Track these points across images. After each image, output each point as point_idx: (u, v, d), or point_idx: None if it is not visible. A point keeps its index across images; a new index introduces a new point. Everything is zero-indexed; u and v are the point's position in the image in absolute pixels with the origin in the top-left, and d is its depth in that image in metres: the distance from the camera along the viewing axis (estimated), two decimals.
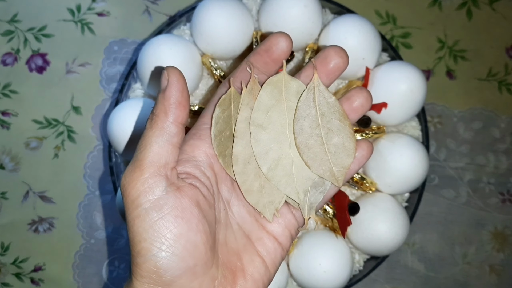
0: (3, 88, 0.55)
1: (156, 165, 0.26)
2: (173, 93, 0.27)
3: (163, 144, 0.27)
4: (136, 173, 0.26)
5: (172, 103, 0.27)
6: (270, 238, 0.30)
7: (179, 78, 0.28)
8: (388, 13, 0.56)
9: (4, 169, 0.55)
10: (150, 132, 0.27)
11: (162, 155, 0.27)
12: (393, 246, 0.45)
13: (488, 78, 0.56)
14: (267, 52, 0.30)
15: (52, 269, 0.54)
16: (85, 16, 0.56)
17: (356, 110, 0.31)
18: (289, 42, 0.29)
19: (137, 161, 0.27)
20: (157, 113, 0.27)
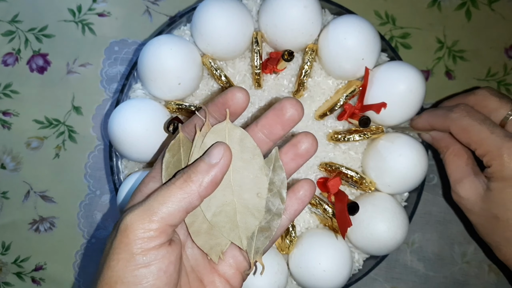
0: (4, 88, 0.55)
1: (166, 223, 0.27)
2: (217, 174, 0.28)
3: (182, 209, 0.28)
4: (145, 220, 0.27)
5: (211, 182, 0.28)
6: (221, 281, 0.31)
7: (229, 162, 0.29)
8: (388, 13, 0.56)
9: (5, 169, 0.55)
10: (177, 192, 0.28)
11: (176, 218, 0.28)
12: (392, 246, 0.45)
13: (487, 78, 0.56)
14: (224, 106, 0.30)
15: (53, 268, 0.54)
16: (85, 16, 0.56)
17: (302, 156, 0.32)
18: (245, 97, 0.30)
19: (151, 210, 0.27)
20: (194, 179, 0.28)
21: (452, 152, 0.44)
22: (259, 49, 0.46)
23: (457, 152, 0.44)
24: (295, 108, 0.31)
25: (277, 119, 0.31)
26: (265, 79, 0.49)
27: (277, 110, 0.31)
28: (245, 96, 0.30)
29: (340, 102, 0.46)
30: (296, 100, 0.31)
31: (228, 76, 0.47)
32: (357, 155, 0.49)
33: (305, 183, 0.33)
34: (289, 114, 0.31)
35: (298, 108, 0.31)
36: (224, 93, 0.30)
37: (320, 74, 0.49)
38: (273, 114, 0.31)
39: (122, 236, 0.27)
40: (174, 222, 0.28)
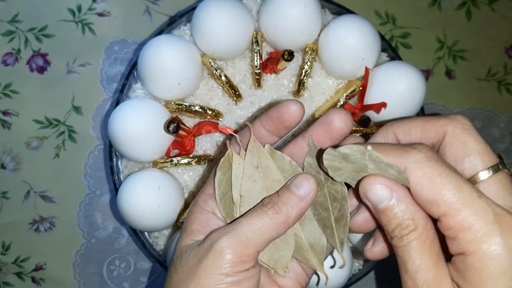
0: (4, 88, 0.55)
1: (257, 251, 0.29)
2: (306, 207, 0.29)
3: (272, 238, 0.29)
4: (240, 246, 0.28)
5: (300, 214, 0.29)
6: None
7: (316, 194, 0.29)
8: (388, 13, 0.56)
9: (5, 169, 0.55)
10: (268, 222, 0.28)
11: (265, 246, 0.29)
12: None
13: (487, 78, 0.56)
14: (279, 119, 0.30)
15: (53, 268, 0.54)
16: (85, 16, 0.56)
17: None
18: (301, 111, 0.30)
19: (245, 237, 0.28)
20: (284, 211, 0.29)
21: (421, 236, 0.25)
22: (259, 49, 0.46)
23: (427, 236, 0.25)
24: (344, 121, 0.29)
25: (326, 134, 0.30)
26: (265, 79, 0.49)
27: (325, 124, 0.30)
28: (300, 109, 0.30)
29: (340, 102, 0.46)
30: (344, 111, 0.29)
31: (228, 76, 0.47)
32: None
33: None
34: (338, 127, 0.29)
35: (346, 120, 0.29)
36: (279, 106, 0.30)
37: (320, 74, 0.49)
38: (322, 129, 0.30)
39: (215, 257, 0.28)
40: (263, 249, 0.29)
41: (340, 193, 0.30)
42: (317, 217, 0.31)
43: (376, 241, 0.30)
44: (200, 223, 0.30)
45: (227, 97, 0.49)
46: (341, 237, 0.31)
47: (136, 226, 0.45)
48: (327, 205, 0.31)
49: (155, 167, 0.47)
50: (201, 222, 0.31)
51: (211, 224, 0.30)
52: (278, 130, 0.31)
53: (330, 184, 0.31)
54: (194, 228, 0.30)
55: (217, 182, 0.31)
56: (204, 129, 0.46)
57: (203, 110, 0.47)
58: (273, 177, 0.31)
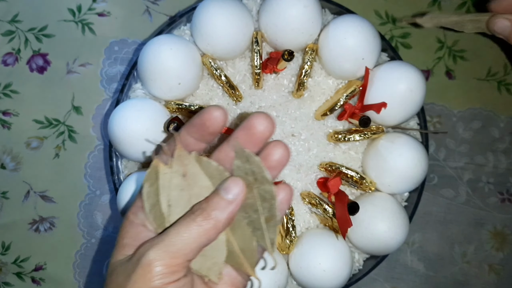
0: (4, 88, 0.55)
1: (187, 259, 0.28)
2: (235, 210, 0.29)
3: (202, 245, 0.28)
4: (167, 256, 0.27)
5: (230, 218, 0.29)
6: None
7: (245, 196, 0.29)
8: (388, 13, 0.56)
9: (5, 169, 0.55)
10: (197, 229, 0.28)
11: (195, 253, 0.28)
12: (392, 246, 0.45)
13: (488, 78, 0.56)
14: (203, 126, 0.30)
15: (53, 268, 0.54)
16: (85, 16, 0.56)
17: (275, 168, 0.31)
18: (223, 116, 0.29)
19: (173, 246, 0.28)
20: (213, 216, 0.28)
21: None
22: (259, 49, 0.46)
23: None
24: (265, 124, 0.29)
25: (248, 138, 0.30)
26: (265, 79, 0.49)
27: (246, 128, 0.30)
28: (223, 114, 0.29)
29: (340, 102, 0.46)
30: (264, 114, 0.29)
31: (228, 76, 0.47)
32: (357, 155, 0.49)
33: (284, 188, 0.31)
34: (260, 131, 0.30)
35: (267, 123, 0.29)
36: (201, 113, 0.30)
37: (320, 74, 0.49)
38: (244, 134, 0.30)
39: (144, 271, 0.27)
40: (193, 257, 0.29)
41: (269, 193, 0.30)
42: (248, 220, 0.31)
43: None
44: (130, 236, 0.30)
45: (227, 97, 0.49)
46: (271, 237, 0.31)
47: None
48: (256, 207, 0.30)
49: None
50: (132, 235, 0.30)
51: (141, 237, 0.30)
52: (203, 136, 0.31)
53: (259, 184, 0.30)
54: (125, 243, 0.30)
55: (145, 194, 0.30)
56: None
57: None
58: (201, 183, 0.31)
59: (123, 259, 0.29)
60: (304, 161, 0.49)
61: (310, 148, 0.49)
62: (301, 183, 0.49)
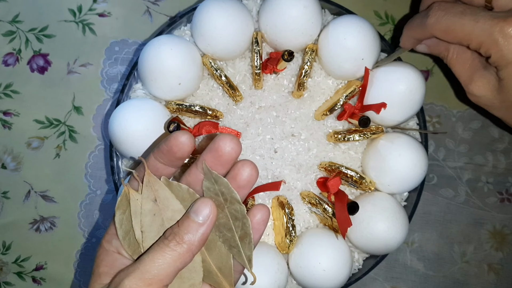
0: (5, 88, 0.55)
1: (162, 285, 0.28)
2: (207, 231, 0.29)
3: (177, 269, 0.29)
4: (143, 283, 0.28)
5: (202, 239, 0.29)
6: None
7: (216, 216, 0.30)
8: (387, 13, 0.56)
9: (5, 169, 0.55)
10: (171, 253, 0.28)
11: (171, 278, 0.29)
12: (392, 245, 0.45)
13: None
14: (170, 152, 0.30)
15: (53, 268, 0.55)
16: (86, 16, 0.56)
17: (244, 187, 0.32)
18: (189, 141, 0.30)
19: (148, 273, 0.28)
20: (186, 240, 0.29)
21: (454, 53, 0.41)
22: (259, 49, 0.46)
23: (458, 51, 0.41)
24: (231, 146, 0.30)
25: (215, 161, 0.31)
26: (265, 79, 0.49)
27: (213, 151, 0.30)
28: (189, 140, 0.30)
29: (340, 102, 0.46)
30: (230, 136, 0.30)
31: (228, 76, 0.47)
32: (357, 155, 0.49)
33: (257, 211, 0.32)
34: (226, 152, 0.30)
35: (234, 144, 0.30)
36: (168, 139, 0.30)
37: (320, 74, 0.49)
38: (211, 156, 0.30)
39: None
40: (170, 281, 0.29)
41: (240, 212, 0.31)
42: (223, 239, 0.31)
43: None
44: (106, 265, 0.30)
45: (227, 97, 0.49)
46: (247, 254, 0.31)
47: None
48: (230, 225, 0.31)
49: None
50: (108, 263, 0.30)
51: (117, 265, 0.30)
52: (172, 162, 0.31)
53: (229, 204, 0.31)
54: (101, 271, 0.30)
55: (118, 222, 0.31)
56: (204, 129, 0.47)
57: (203, 110, 0.47)
58: (172, 207, 0.31)
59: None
60: (304, 161, 0.49)
61: (310, 148, 0.49)
62: (301, 183, 0.49)
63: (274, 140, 0.49)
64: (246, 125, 0.49)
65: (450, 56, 0.42)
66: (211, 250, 0.32)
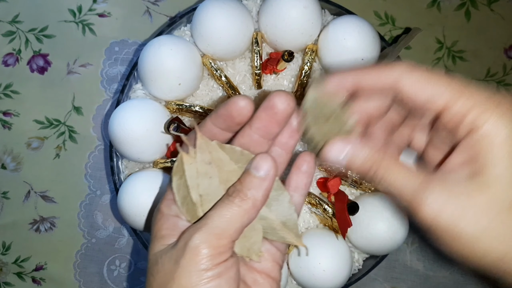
0: (5, 88, 0.55)
1: (232, 240, 0.29)
2: (269, 185, 0.29)
3: (245, 225, 0.29)
4: (214, 238, 0.28)
5: (266, 194, 0.29)
6: (263, 277, 0.31)
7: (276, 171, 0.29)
8: (387, 14, 0.56)
9: (5, 169, 0.55)
10: (237, 210, 0.29)
11: (239, 233, 0.29)
12: (392, 245, 0.45)
13: (487, 79, 0.56)
14: (229, 117, 0.30)
15: (53, 268, 0.54)
16: (86, 17, 0.56)
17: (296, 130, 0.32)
18: (249, 106, 0.29)
19: (217, 228, 0.28)
20: (249, 196, 0.29)
21: (386, 166, 0.28)
22: (259, 50, 0.46)
23: (389, 158, 0.28)
24: (287, 103, 0.29)
25: (270, 119, 0.30)
26: (265, 80, 0.49)
27: (268, 109, 0.30)
28: (249, 104, 0.29)
29: None
30: (284, 93, 0.30)
31: (228, 77, 0.47)
32: None
33: (307, 156, 0.32)
34: (282, 109, 0.30)
35: (288, 101, 0.29)
36: (227, 103, 0.30)
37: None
38: (266, 114, 0.30)
39: (192, 255, 0.28)
40: (237, 237, 0.29)
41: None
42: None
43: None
44: (168, 227, 0.30)
45: (227, 98, 0.49)
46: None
47: (136, 226, 0.45)
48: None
49: (156, 167, 0.47)
50: (169, 226, 0.30)
51: (179, 226, 0.30)
52: (230, 127, 0.31)
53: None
54: (163, 234, 0.30)
55: (175, 188, 0.30)
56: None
57: (203, 111, 0.47)
58: (227, 168, 0.31)
59: (165, 248, 0.29)
60: None
61: None
62: None
63: None
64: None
65: (382, 170, 0.28)
66: (272, 206, 0.31)
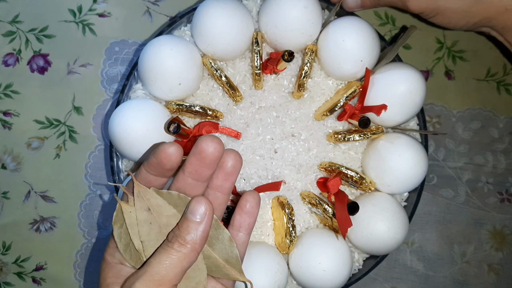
0: (5, 88, 0.55)
1: (172, 284, 0.29)
2: (207, 228, 0.30)
3: (185, 269, 0.30)
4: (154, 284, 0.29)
5: (204, 237, 0.30)
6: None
7: (212, 212, 0.30)
8: (387, 14, 0.56)
9: (5, 169, 0.55)
10: (177, 254, 0.29)
11: (180, 277, 0.30)
12: (392, 245, 0.45)
13: (487, 79, 0.56)
14: (160, 164, 0.31)
15: (53, 268, 0.55)
16: (86, 17, 0.56)
17: (231, 173, 0.33)
18: (178, 152, 0.31)
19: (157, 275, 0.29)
20: (188, 240, 0.30)
21: None
22: (259, 50, 0.46)
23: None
24: (213, 146, 0.31)
25: (200, 163, 0.31)
26: (265, 80, 0.49)
27: (197, 154, 0.31)
28: (177, 151, 0.30)
29: (340, 103, 0.46)
30: (211, 137, 0.31)
31: (228, 77, 0.47)
32: (357, 155, 0.49)
33: (249, 196, 0.34)
34: (210, 153, 0.31)
35: (215, 145, 0.31)
36: (156, 152, 0.31)
37: (320, 74, 0.49)
38: (196, 159, 0.31)
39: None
40: (179, 281, 0.30)
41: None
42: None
43: None
44: (112, 275, 0.31)
45: (227, 98, 0.49)
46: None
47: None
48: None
49: None
50: (114, 274, 0.31)
51: (124, 274, 0.31)
52: (162, 173, 0.32)
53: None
54: (108, 282, 0.31)
55: (117, 236, 0.32)
56: (205, 130, 0.47)
57: (204, 111, 0.47)
58: (167, 213, 0.32)
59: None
60: (304, 161, 0.49)
61: (310, 148, 0.49)
62: (301, 183, 0.49)
63: (274, 140, 0.49)
64: (246, 125, 0.49)
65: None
66: (214, 245, 0.32)
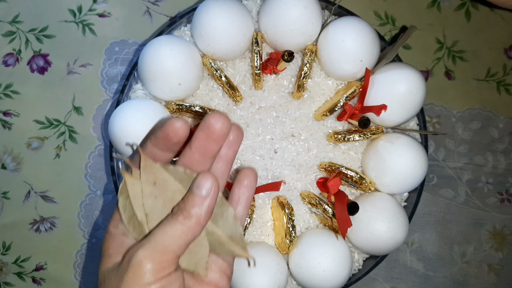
0: (5, 88, 0.55)
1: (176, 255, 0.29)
2: (212, 203, 0.30)
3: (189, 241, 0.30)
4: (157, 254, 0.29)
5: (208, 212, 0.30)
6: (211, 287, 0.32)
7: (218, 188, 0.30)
8: (387, 14, 0.56)
9: (5, 169, 0.55)
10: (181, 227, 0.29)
11: (183, 249, 0.30)
12: (392, 246, 0.45)
13: (487, 79, 0.56)
14: (167, 138, 0.31)
15: (53, 268, 0.55)
16: (86, 17, 0.56)
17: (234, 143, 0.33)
18: (185, 127, 0.30)
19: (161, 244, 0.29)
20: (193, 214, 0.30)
21: None
22: (259, 50, 0.46)
23: None
24: (221, 122, 0.30)
25: (208, 138, 0.31)
26: (265, 80, 0.49)
27: (205, 129, 0.31)
28: (184, 125, 0.30)
29: (340, 103, 0.46)
30: (218, 113, 0.31)
31: (228, 77, 0.47)
32: (357, 155, 0.49)
33: (247, 170, 0.34)
34: (218, 129, 0.31)
35: (223, 120, 0.30)
36: (163, 126, 0.31)
37: (320, 74, 0.49)
38: (203, 134, 0.31)
39: (135, 270, 0.28)
40: (182, 252, 0.30)
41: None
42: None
43: None
44: (115, 246, 0.31)
45: (227, 98, 0.49)
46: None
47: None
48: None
49: None
50: (116, 245, 0.31)
51: (126, 245, 0.31)
52: (169, 147, 0.32)
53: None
54: (111, 252, 0.31)
55: (121, 208, 0.32)
56: None
57: (204, 111, 0.47)
58: (172, 188, 0.31)
59: (112, 266, 0.30)
60: (304, 161, 0.49)
61: (310, 148, 0.49)
62: (301, 183, 0.49)
63: (274, 141, 0.49)
64: (246, 126, 0.49)
65: None
66: (218, 222, 0.32)
